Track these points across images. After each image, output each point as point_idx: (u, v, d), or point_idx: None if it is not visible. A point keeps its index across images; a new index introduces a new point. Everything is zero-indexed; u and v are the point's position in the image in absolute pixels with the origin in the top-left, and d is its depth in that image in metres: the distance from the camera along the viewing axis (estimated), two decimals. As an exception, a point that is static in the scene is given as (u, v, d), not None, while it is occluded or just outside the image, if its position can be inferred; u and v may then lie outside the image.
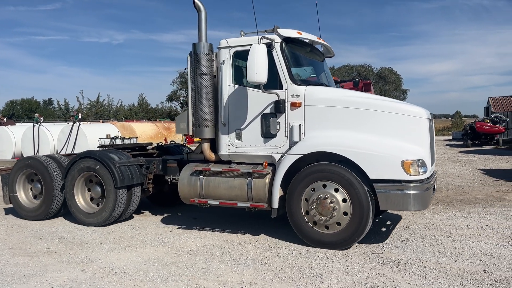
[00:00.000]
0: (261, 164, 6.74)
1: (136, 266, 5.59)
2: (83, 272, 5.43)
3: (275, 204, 6.39)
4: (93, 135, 16.80)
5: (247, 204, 6.65)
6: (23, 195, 8.58)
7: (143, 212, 8.98)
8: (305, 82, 6.79)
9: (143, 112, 55.93)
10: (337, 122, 6.33)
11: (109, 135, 10.24)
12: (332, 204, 5.97)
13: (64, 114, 53.78)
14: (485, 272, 5.12)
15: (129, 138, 11.08)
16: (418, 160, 5.78)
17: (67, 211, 8.22)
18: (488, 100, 40.23)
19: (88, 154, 7.88)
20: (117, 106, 55.85)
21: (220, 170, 6.89)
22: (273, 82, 6.54)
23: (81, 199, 7.95)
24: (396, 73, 56.45)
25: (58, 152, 17.21)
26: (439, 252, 5.92)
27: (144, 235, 7.16)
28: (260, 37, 6.53)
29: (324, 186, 6.11)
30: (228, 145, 7.03)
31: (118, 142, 9.83)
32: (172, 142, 10.80)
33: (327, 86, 7.27)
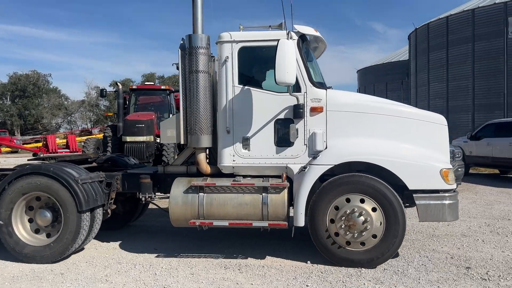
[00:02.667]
0: (271, 176, 6.02)
1: None
2: None
3: (301, 221, 5.72)
4: None
5: (265, 224, 5.80)
6: None
7: None
8: (321, 85, 6.18)
9: None
10: (363, 129, 5.86)
11: None
12: (364, 224, 5.52)
13: None
14: (312, 265, 5.80)
15: None
16: (452, 169, 5.76)
17: None
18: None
19: (36, 170, 6.09)
20: None
21: (227, 185, 5.92)
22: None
23: (22, 229, 6.09)
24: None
25: None
26: (273, 251, 6.45)
27: None
28: (288, 31, 5.78)
29: (348, 200, 5.64)
30: (232, 155, 6.06)
31: None
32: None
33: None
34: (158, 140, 13.99)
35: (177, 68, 6.34)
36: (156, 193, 6.71)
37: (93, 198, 6.10)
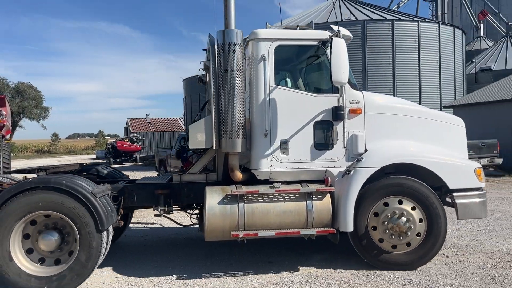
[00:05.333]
0: (307, 182, 5.82)
1: None
2: None
3: (350, 226, 5.55)
4: None
5: (313, 231, 5.59)
6: None
7: None
8: (356, 86, 6.04)
9: None
10: (398, 131, 5.98)
11: None
12: (407, 224, 5.63)
13: None
14: (169, 280, 5.63)
15: None
16: (482, 167, 6.03)
17: None
18: (127, 121, 44.36)
19: (43, 183, 5.10)
20: None
21: (270, 193, 5.58)
22: (325, 85, 5.72)
23: (21, 256, 5.11)
24: (36, 89, 52.88)
25: None
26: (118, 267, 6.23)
27: None
28: (338, 30, 5.59)
29: (387, 204, 5.72)
30: (270, 160, 5.75)
31: None
32: None
33: None
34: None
35: (204, 68, 6.06)
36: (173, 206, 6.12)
37: (110, 214, 5.31)
